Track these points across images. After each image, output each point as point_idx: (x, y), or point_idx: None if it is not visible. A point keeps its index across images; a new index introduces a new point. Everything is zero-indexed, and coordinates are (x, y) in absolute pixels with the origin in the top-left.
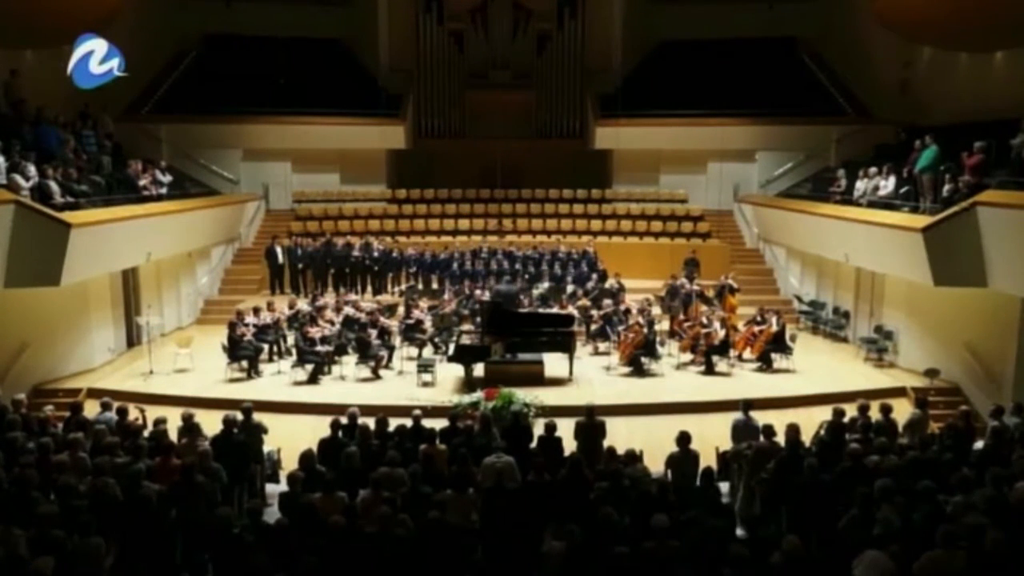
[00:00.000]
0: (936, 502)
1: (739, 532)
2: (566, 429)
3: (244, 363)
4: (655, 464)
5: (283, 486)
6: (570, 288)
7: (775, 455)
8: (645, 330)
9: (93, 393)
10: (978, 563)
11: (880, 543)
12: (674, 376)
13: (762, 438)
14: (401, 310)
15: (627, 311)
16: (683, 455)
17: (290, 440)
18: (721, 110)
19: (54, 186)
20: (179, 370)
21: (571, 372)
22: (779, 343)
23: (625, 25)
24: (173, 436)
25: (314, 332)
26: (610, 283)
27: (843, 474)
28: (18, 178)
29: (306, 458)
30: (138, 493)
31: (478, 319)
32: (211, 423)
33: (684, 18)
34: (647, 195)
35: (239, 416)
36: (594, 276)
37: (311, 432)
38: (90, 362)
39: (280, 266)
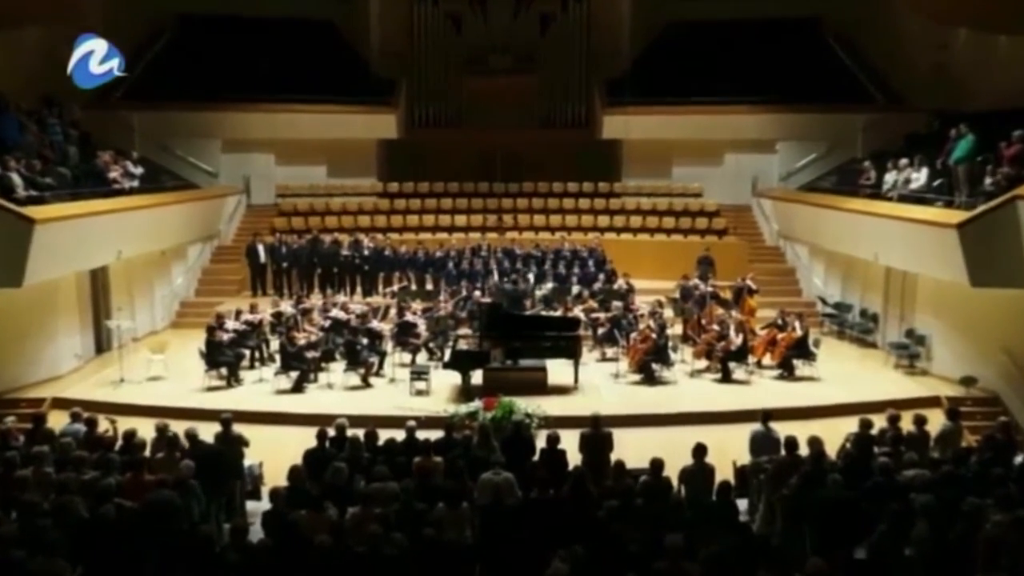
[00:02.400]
0: (974, 521)
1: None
2: (571, 441)
3: (223, 370)
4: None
5: (265, 503)
6: (575, 289)
7: (797, 469)
8: (656, 335)
9: (59, 403)
10: None
11: (912, 566)
12: (688, 384)
13: (783, 451)
14: (393, 313)
15: (637, 314)
16: (698, 469)
17: (273, 453)
18: (739, 96)
19: (16, 179)
20: (152, 378)
21: (576, 380)
22: (802, 349)
23: (634, 4)
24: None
25: (299, 337)
26: (618, 284)
27: (871, 490)
28: None
29: (295, 473)
30: (104, 511)
31: (476, 322)
32: (207, 433)
33: None
34: (658, 189)
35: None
36: (601, 276)
37: (296, 445)
38: (56, 369)
39: (262, 265)
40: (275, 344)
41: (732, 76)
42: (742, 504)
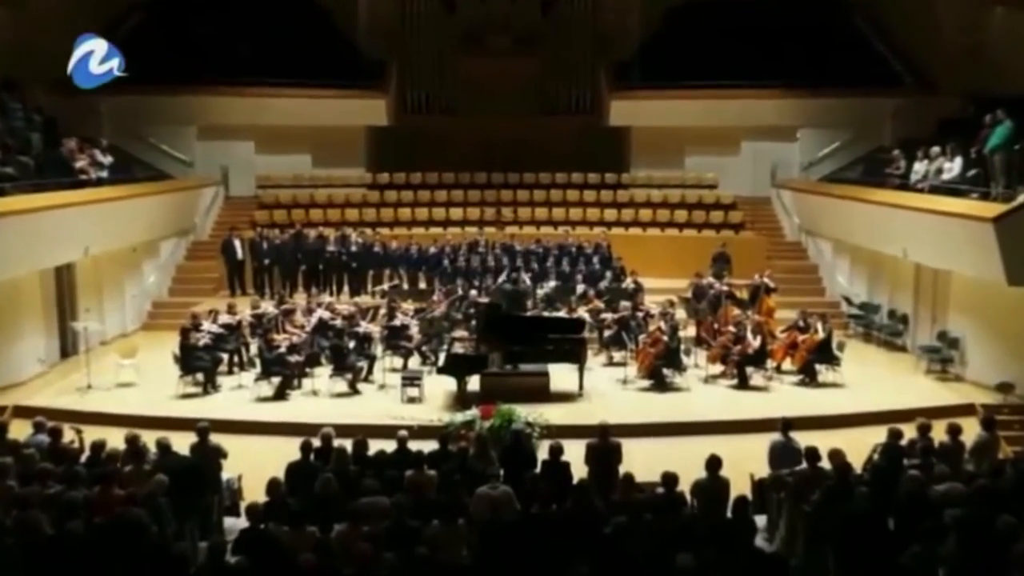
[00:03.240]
0: (1009, 539)
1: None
2: (575, 452)
3: (199, 376)
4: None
5: (244, 520)
6: (580, 288)
7: (820, 484)
8: (667, 337)
9: (21, 411)
10: None
11: None
12: (701, 391)
13: (805, 463)
14: (383, 314)
15: (646, 315)
16: (712, 483)
17: (253, 466)
18: (757, 80)
19: None
20: (122, 384)
21: (581, 386)
22: (825, 352)
23: None
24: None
25: (281, 340)
26: (626, 282)
27: (901, 506)
28: None
29: (274, 487)
30: (71, 528)
31: (473, 324)
32: (182, 444)
33: None
34: (670, 180)
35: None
36: (608, 274)
37: (278, 456)
38: (17, 375)
39: (241, 262)
40: (255, 348)
41: (750, 57)
42: (760, 521)
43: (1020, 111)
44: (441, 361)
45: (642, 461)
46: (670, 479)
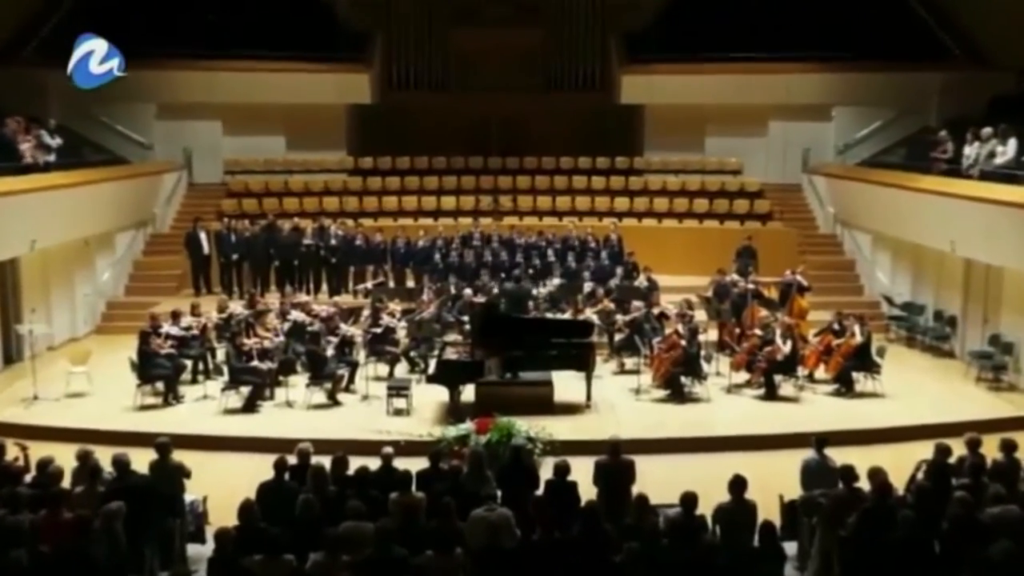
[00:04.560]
0: None
1: None
2: (583, 471)
3: (159, 385)
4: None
5: (211, 546)
6: (587, 286)
7: (858, 506)
8: (686, 342)
9: None
10: None
11: None
12: (724, 402)
13: (841, 484)
14: (366, 315)
15: (662, 316)
16: (736, 506)
17: (220, 486)
18: (787, 52)
19: None
20: (73, 394)
21: (589, 396)
22: (863, 359)
23: None
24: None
25: (252, 344)
26: (640, 280)
27: (949, 531)
28: None
29: (246, 511)
30: (15, 557)
31: (467, 327)
32: (140, 462)
33: None
34: (688, 164)
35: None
36: (619, 270)
37: (248, 476)
38: None
39: (207, 257)
40: (222, 353)
41: (779, 27)
42: (790, 549)
43: None
44: (431, 368)
45: (657, 481)
46: (689, 501)
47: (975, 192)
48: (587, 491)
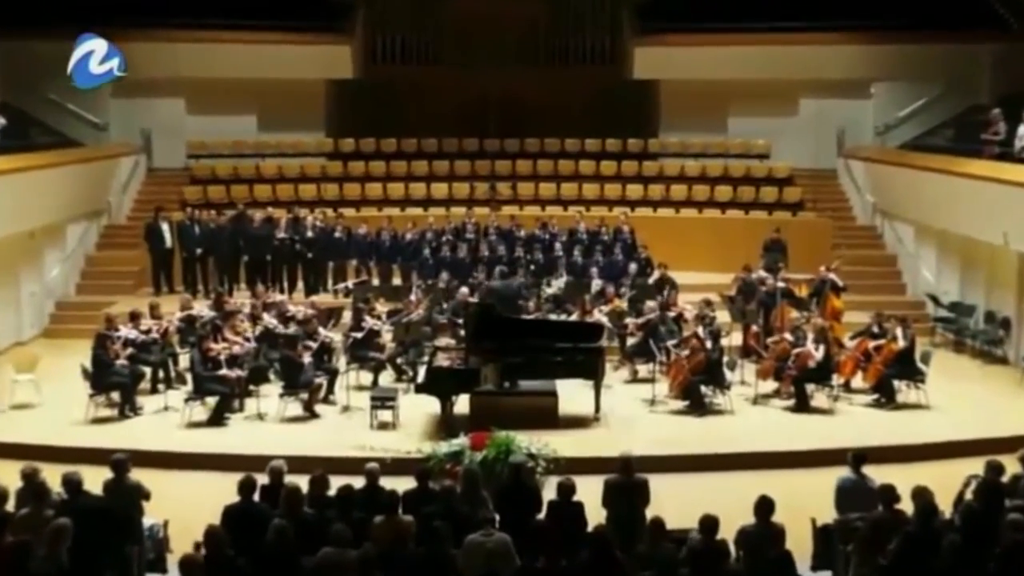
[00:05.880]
0: None
1: None
2: (590, 492)
3: (115, 395)
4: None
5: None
6: (596, 284)
7: (900, 530)
8: (708, 345)
9: None
10: None
11: None
12: (750, 414)
13: (880, 506)
14: (348, 317)
15: (680, 318)
16: (762, 530)
17: (183, 509)
18: (820, 21)
19: None
20: (18, 405)
21: (598, 408)
22: (905, 365)
23: None
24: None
25: (219, 349)
26: (655, 277)
27: (1001, 559)
28: None
29: (212, 537)
30: None
31: (461, 330)
32: (93, 482)
33: None
34: (710, 147)
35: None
36: (632, 266)
37: (214, 497)
38: None
39: (169, 252)
40: (186, 360)
41: None
42: None
43: None
44: (420, 377)
45: (674, 503)
46: (709, 525)
47: None
48: (595, 514)
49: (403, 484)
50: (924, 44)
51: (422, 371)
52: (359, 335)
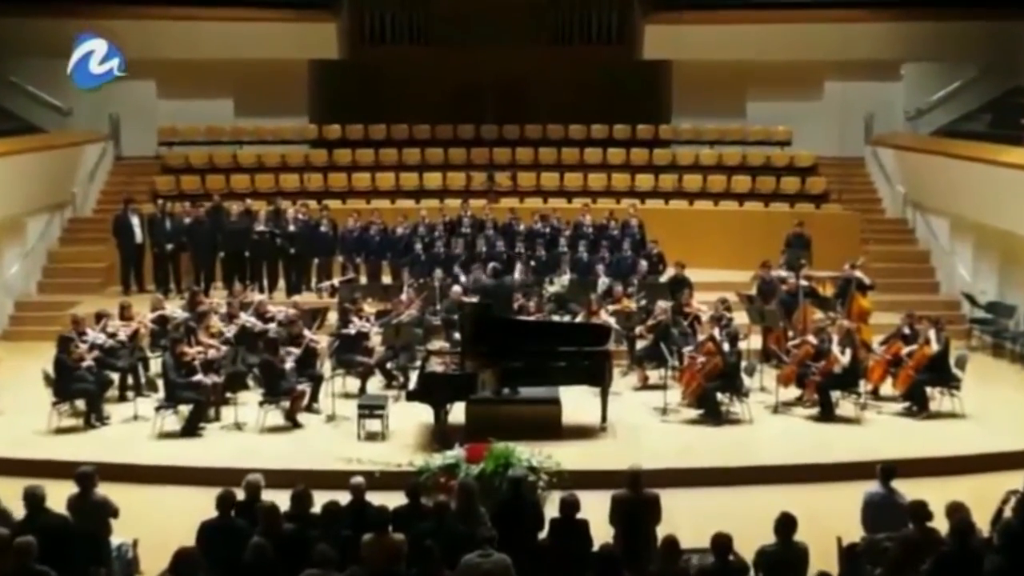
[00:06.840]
0: None
1: None
2: (597, 508)
3: (80, 403)
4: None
5: None
6: (603, 282)
7: (933, 550)
8: (725, 348)
9: None
10: None
11: None
12: (770, 423)
13: (912, 524)
14: (333, 318)
15: (694, 320)
16: (784, 550)
17: (154, 527)
18: None
19: None
20: None
21: (604, 417)
22: (939, 371)
23: None
24: None
25: (194, 354)
26: (667, 274)
27: None
28: None
29: (184, 557)
30: None
31: (455, 332)
32: (55, 497)
33: None
34: (726, 134)
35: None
36: (642, 263)
37: (187, 514)
38: None
39: (138, 247)
40: (158, 365)
41: None
42: None
43: None
44: (412, 383)
45: (688, 520)
46: (724, 544)
47: None
48: (602, 532)
49: (393, 500)
50: (959, 21)
51: (414, 377)
52: (346, 333)
